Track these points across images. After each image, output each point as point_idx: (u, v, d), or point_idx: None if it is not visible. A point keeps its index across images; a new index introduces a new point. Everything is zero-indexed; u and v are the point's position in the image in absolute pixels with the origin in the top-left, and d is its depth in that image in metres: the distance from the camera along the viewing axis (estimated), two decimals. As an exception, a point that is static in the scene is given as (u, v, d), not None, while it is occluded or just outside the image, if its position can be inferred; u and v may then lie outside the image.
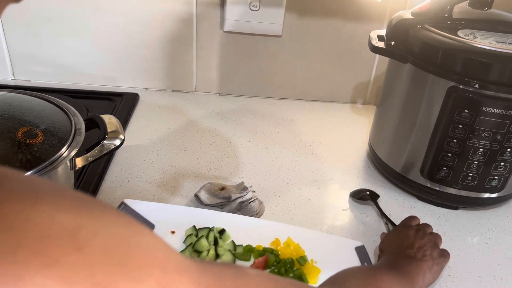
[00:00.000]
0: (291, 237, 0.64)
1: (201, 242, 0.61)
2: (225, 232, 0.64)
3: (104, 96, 0.99)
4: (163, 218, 0.64)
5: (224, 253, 0.62)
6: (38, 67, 1.01)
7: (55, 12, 0.94)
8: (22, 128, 0.59)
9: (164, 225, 0.64)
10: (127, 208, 0.64)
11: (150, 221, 0.63)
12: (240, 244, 0.64)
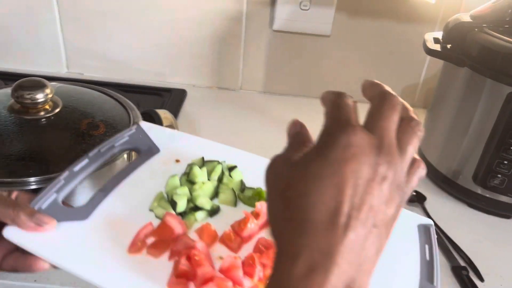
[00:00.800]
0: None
1: (193, 170, 0.51)
2: (235, 169, 0.54)
3: (153, 91, 1.01)
4: (173, 146, 0.56)
5: (225, 191, 0.51)
6: (91, 61, 1.04)
7: (110, 8, 0.97)
8: (85, 120, 0.61)
9: (171, 152, 0.55)
10: (139, 129, 0.56)
11: (157, 145, 0.55)
12: (251, 187, 0.53)
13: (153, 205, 0.47)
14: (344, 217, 0.27)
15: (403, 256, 0.45)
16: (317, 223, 0.27)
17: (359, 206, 0.27)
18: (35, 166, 0.57)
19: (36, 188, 0.54)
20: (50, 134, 0.60)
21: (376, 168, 0.28)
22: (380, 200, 0.28)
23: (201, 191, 0.50)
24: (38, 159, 0.58)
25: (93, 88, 0.70)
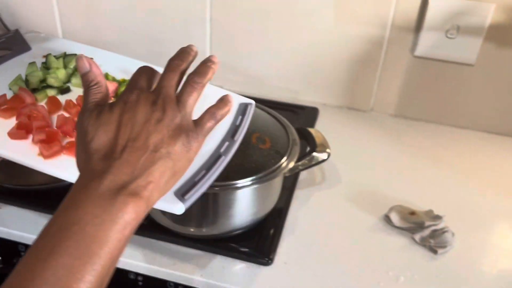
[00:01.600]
0: None
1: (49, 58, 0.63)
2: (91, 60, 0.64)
3: (287, 107, 1.06)
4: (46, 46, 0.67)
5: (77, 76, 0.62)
6: (232, 75, 1.12)
7: (257, 29, 1.04)
8: (254, 134, 0.67)
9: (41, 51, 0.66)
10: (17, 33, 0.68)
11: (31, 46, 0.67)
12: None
13: (11, 83, 0.59)
14: (120, 146, 0.38)
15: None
16: (101, 152, 0.38)
17: (135, 138, 0.38)
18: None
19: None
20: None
21: (151, 115, 0.39)
22: (159, 135, 0.39)
23: (54, 75, 0.61)
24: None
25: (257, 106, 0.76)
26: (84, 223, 0.34)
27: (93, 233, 0.34)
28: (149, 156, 0.38)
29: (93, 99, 0.41)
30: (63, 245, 0.33)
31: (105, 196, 0.35)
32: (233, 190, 0.63)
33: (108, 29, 1.13)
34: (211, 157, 0.50)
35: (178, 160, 0.39)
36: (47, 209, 0.72)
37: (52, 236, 0.34)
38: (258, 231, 0.71)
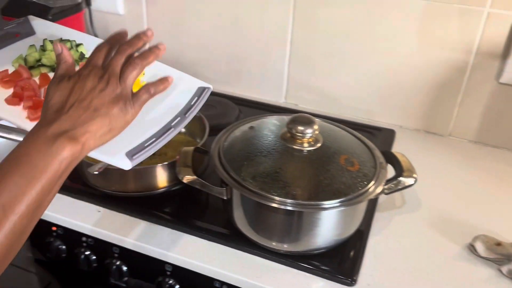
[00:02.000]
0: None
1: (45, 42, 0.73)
2: (81, 45, 0.74)
3: (363, 128, 1.06)
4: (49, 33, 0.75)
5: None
6: (308, 94, 1.15)
7: (338, 51, 1.07)
8: (343, 156, 0.68)
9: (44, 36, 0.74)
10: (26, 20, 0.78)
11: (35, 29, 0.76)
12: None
13: (14, 61, 0.70)
14: (69, 105, 0.50)
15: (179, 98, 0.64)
16: (54, 108, 0.50)
17: (81, 100, 0.50)
18: (286, 188, 0.66)
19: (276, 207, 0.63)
20: (310, 164, 0.68)
21: (97, 85, 0.51)
22: (101, 100, 0.50)
23: (48, 55, 0.71)
24: (294, 183, 0.67)
25: (337, 125, 0.78)
26: (31, 155, 0.46)
27: (37, 162, 0.45)
28: (90, 113, 0.49)
29: (59, 72, 0.54)
30: (15, 169, 0.45)
31: (49, 137, 0.47)
32: (319, 210, 0.65)
33: (193, 47, 1.19)
34: (163, 128, 0.59)
35: (115, 121, 0.51)
36: (138, 214, 0.77)
37: (8, 162, 0.46)
38: (339, 252, 0.72)
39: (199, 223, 0.77)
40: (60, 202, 0.80)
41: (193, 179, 0.70)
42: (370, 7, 1.00)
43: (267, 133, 0.74)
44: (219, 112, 1.09)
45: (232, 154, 0.72)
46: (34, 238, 0.85)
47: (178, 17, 1.17)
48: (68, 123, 0.48)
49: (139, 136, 0.57)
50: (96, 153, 0.54)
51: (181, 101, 0.63)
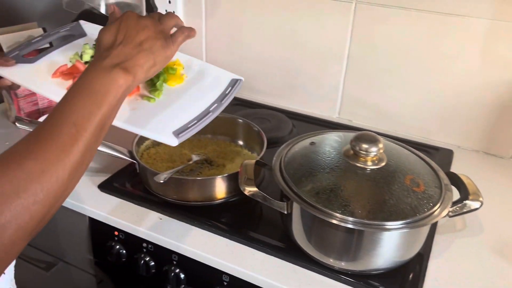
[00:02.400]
0: (180, 60, 0.78)
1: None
2: None
3: (419, 147, 1.05)
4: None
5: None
6: (362, 110, 1.14)
7: (396, 68, 1.06)
8: (408, 176, 0.68)
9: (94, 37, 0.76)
10: (78, 24, 0.85)
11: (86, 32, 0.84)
12: None
13: (71, 57, 0.77)
14: (119, 41, 0.57)
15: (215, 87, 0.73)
16: (106, 47, 0.57)
17: (128, 36, 0.57)
18: (348, 205, 0.66)
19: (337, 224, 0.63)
20: (374, 183, 0.68)
21: (140, 21, 0.58)
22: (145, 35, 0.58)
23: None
24: (357, 201, 0.66)
25: (402, 146, 0.77)
26: (93, 82, 0.52)
27: (98, 88, 0.52)
28: (136, 48, 0.56)
29: (110, 20, 0.63)
30: (81, 94, 0.51)
31: (106, 69, 0.53)
32: (381, 230, 0.65)
33: (249, 60, 1.21)
34: (203, 112, 0.68)
35: (158, 55, 0.58)
36: (198, 223, 0.79)
37: (73, 90, 0.52)
38: (398, 274, 0.70)
39: (254, 235, 0.78)
40: (124, 208, 0.83)
41: (255, 192, 0.71)
42: (432, 25, 0.99)
43: (328, 149, 0.74)
44: (273, 125, 1.11)
45: (293, 169, 0.72)
46: (96, 241, 0.89)
47: (236, 30, 1.20)
48: (119, 57, 0.55)
49: (183, 118, 0.66)
50: (148, 132, 0.65)
51: (217, 89, 0.73)
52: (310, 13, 1.09)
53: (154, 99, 0.71)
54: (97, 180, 0.89)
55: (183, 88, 0.74)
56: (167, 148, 0.95)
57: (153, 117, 0.67)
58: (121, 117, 0.64)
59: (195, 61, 0.80)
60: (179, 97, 0.72)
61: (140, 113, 0.67)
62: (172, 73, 0.75)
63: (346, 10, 1.05)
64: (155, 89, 0.72)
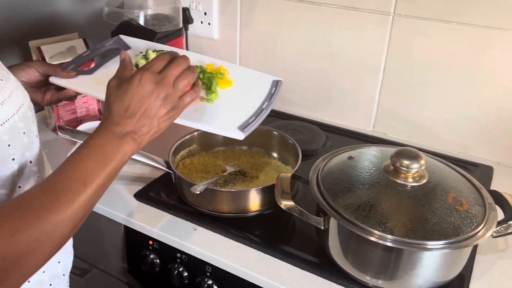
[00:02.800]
0: (223, 66, 0.84)
1: (148, 52, 0.83)
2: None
3: (458, 163, 1.01)
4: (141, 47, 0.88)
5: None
6: (398, 123, 1.12)
7: (433, 80, 1.04)
8: (451, 194, 0.66)
9: (138, 49, 0.87)
10: (119, 38, 0.91)
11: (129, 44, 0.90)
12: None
13: None
14: (130, 111, 0.59)
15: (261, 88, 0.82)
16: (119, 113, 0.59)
17: (140, 106, 0.59)
18: (387, 222, 0.64)
19: (376, 241, 0.61)
20: (415, 200, 0.66)
21: (154, 90, 0.60)
22: (153, 108, 0.60)
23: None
24: (397, 219, 0.65)
25: (443, 162, 0.75)
26: (103, 146, 0.57)
27: (108, 153, 0.56)
28: (146, 119, 0.60)
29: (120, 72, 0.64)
30: (91, 155, 0.56)
31: (117, 136, 0.58)
32: (422, 250, 0.63)
33: (283, 71, 1.21)
34: (258, 109, 0.76)
35: (162, 122, 0.62)
36: (233, 235, 0.79)
37: (83, 150, 0.56)
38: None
39: (288, 249, 0.77)
40: (158, 217, 0.84)
41: (291, 206, 0.70)
42: (472, 38, 0.97)
43: (367, 164, 0.73)
44: (306, 137, 1.10)
45: (331, 183, 0.71)
46: (131, 250, 0.90)
47: (270, 42, 1.20)
48: (130, 127, 0.59)
49: (242, 115, 0.74)
50: (216, 128, 0.72)
51: (263, 90, 0.82)
52: (345, 26, 1.09)
53: (212, 100, 0.77)
54: (133, 189, 0.90)
55: (232, 90, 0.82)
56: (201, 159, 0.96)
57: (215, 116, 0.74)
58: (188, 117, 0.71)
59: (235, 67, 0.88)
60: (232, 98, 0.79)
61: (203, 113, 0.74)
62: (221, 77, 0.82)
63: (383, 22, 1.04)
64: (211, 92, 0.78)
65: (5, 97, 0.52)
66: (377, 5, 1.03)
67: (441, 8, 0.97)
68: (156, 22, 1.08)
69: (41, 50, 1.03)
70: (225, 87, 0.82)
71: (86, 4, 1.26)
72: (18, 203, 0.48)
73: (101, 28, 1.23)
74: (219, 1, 1.22)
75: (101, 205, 0.86)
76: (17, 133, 0.54)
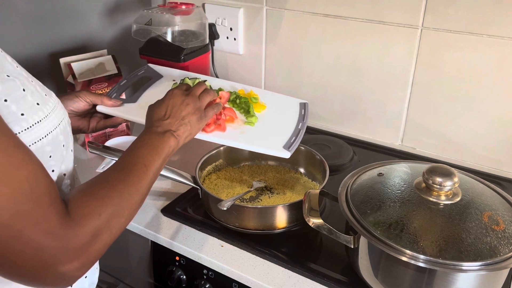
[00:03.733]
0: (253, 90, 0.93)
1: (185, 79, 0.90)
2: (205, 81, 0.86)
3: (490, 179, 0.98)
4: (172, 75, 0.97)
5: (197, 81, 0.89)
6: (427, 138, 1.10)
7: (463, 94, 1.01)
8: (486, 213, 0.64)
9: (171, 78, 0.96)
10: (149, 67, 0.99)
11: (160, 73, 0.98)
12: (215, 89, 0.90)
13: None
14: (167, 115, 0.71)
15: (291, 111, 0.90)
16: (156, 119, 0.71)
17: (175, 112, 0.72)
18: (420, 242, 0.62)
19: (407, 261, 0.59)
20: (449, 219, 0.64)
21: (184, 100, 0.74)
22: (186, 112, 0.73)
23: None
24: (430, 238, 0.63)
25: (476, 179, 0.73)
26: (152, 140, 0.67)
27: (157, 144, 0.66)
28: (179, 121, 0.71)
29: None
30: (144, 146, 0.65)
31: (159, 134, 0.68)
32: (456, 271, 0.61)
33: (308, 85, 1.21)
34: (295, 129, 0.84)
35: (193, 128, 0.73)
36: (260, 252, 0.78)
37: (139, 144, 0.65)
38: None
39: (316, 267, 0.76)
40: (186, 233, 0.83)
41: (320, 224, 0.69)
42: (503, 51, 0.94)
43: (398, 181, 0.71)
44: (333, 152, 1.09)
45: (361, 201, 0.70)
46: (157, 265, 0.90)
47: (296, 57, 1.20)
48: (168, 126, 0.70)
49: (284, 136, 0.82)
50: (264, 149, 0.79)
51: (294, 112, 0.90)
52: (372, 39, 1.08)
53: (253, 123, 0.84)
54: (160, 204, 0.91)
55: (267, 113, 0.89)
56: (228, 174, 0.96)
57: (260, 138, 0.81)
58: (236, 139, 0.80)
59: (263, 91, 0.96)
60: (269, 120, 0.87)
61: (248, 136, 0.82)
62: (255, 101, 0.90)
63: (411, 36, 1.03)
64: (251, 115, 0.85)
65: (49, 110, 0.54)
66: (404, 19, 1.02)
67: (470, 20, 0.95)
68: (183, 38, 1.09)
69: (71, 67, 1.06)
70: (260, 111, 0.89)
71: (115, 21, 1.29)
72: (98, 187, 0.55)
73: (130, 45, 1.25)
74: (245, 17, 1.23)
75: (129, 220, 0.87)
76: (58, 145, 0.56)
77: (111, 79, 1.08)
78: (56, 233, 0.45)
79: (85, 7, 1.21)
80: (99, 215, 0.50)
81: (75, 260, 0.47)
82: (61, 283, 0.48)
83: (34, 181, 0.44)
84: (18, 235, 0.43)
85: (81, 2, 1.19)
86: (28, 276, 0.46)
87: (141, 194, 0.59)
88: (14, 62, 0.54)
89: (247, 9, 1.22)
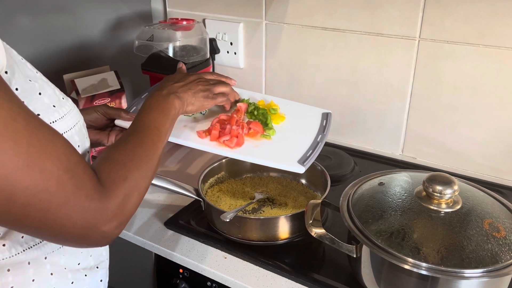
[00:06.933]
0: (274, 101, 0.91)
1: None
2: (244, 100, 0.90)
3: (491, 187, 0.98)
4: None
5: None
6: (426, 147, 1.11)
7: (461, 104, 1.03)
8: (487, 220, 0.64)
9: None
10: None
11: None
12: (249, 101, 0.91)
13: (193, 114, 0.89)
14: (175, 81, 0.79)
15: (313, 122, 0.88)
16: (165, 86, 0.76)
17: (184, 84, 0.78)
18: (422, 250, 0.62)
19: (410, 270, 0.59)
20: (450, 227, 0.65)
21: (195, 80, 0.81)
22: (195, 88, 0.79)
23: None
24: (431, 246, 0.63)
25: (476, 187, 0.74)
26: (157, 103, 0.71)
27: (164, 105, 0.71)
28: (186, 90, 0.77)
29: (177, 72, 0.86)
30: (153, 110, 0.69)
31: (165, 96, 0.73)
32: (458, 279, 0.61)
33: (308, 98, 1.22)
34: (313, 142, 0.81)
35: (197, 99, 0.78)
36: (263, 263, 0.78)
37: (147, 108, 0.69)
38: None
39: (319, 277, 0.76)
40: (189, 245, 0.84)
41: (323, 234, 0.70)
42: (500, 60, 0.96)
43: (399, 190, 0.72)
44: (334, 163, 1.09)
45: (362, 210, 0.71)
46: (161, 278, 0.90)
47: (295, 69, 1.22)
48: (173, 89, 0.75)
49: (300, 149, 0.78)
50: (277, 163, 0.75)
51: (315, 123, 0.87)
52: (370, 51, 1.09)
53: (270, 136, 0.82)
54: (163, 217, 0.91)
55: (286, 124, 0.86)
56: (230, 186, 0.96)
57: (275, 151, 0.78)
58: (250, 153, 0.78)
59: (284, 101, 0.93)
60: (287, 132, 0.84)
61: (263, 149, 0.79)
62: (273, 113, 0.87)
63: (409, 47, 1.04)
64: (269, 128, 0.83)
65: (65, 112, 0.56)
66: (401, 30, 1.04)
67: (467, 31, 0.97)
68: (184, 53, 1.11)
69: (74, 83, 1.07)
70: (279, 122, 0.87)
71: (117, 38, 1.32)
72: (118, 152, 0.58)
73: (132, 61, 1.27)
74: (245, 31, 1.25)
75: (132, 233, 0.87)
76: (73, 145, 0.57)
77: (114, 94, 1.10)
78: (94, 197, 0.49)
79: (88, 24, 1.23)
80: (125, 178, 0.54)
81: (113, 220, 0.51)
82: (104, 241, 0.52)
83: (68, 153, 0.48)
84: (65, 201, 0.47)
85: (83, 19, 1.22)
86: (76, 237, 0.50)
87: (158, 154, 0.63)
88: (33, 69, 0.56)
89: (247, 23, 1.25)
